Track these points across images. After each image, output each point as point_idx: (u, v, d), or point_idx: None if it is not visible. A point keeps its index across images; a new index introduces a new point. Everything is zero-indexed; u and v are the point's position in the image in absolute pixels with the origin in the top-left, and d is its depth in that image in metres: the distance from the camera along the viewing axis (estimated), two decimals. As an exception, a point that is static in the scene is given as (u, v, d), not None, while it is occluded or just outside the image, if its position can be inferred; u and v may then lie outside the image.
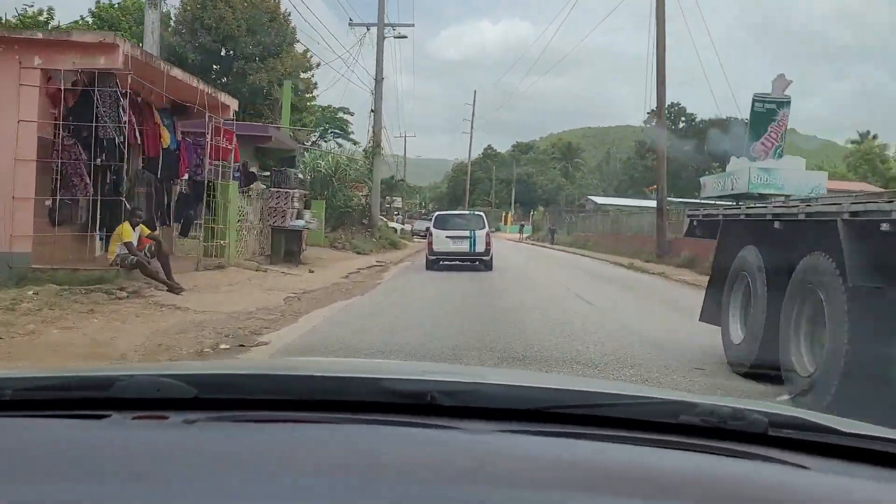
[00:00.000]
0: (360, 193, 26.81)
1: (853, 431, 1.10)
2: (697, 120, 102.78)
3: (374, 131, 26.77)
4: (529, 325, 8.77)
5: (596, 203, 62.39)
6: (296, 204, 15.49)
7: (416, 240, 44.40)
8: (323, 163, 23.26)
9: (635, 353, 7.09)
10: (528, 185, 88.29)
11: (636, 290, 15.45)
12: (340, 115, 78.87)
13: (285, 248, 15.98)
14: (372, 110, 26.56)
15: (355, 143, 79.39)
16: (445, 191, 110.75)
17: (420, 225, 51.94)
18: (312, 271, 14.44)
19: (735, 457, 1.02)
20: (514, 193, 77.89)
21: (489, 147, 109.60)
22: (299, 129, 24.50)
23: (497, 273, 17.75)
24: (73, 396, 1.15)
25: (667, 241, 26.84)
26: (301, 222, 15.30)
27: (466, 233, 18.32)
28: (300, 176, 18.87)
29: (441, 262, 18.48)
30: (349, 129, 78.44)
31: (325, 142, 79.51)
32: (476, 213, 21.53)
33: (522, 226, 63.86)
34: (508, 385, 1.28)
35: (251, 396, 1.17)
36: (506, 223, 76.10)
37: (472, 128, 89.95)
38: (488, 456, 0.95)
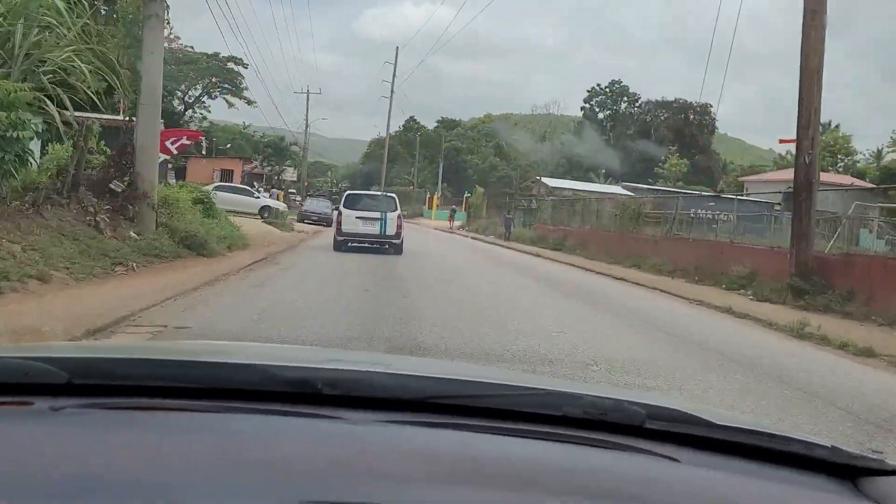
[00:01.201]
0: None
1: (726, 424, 1.11)
2: (643, 101, 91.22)
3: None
4: None
5: (548, 186, 48.20)
6: None
7: (303, 227, 28.48)
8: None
9: None
10: (458, 164, 73.31)
11: None
12: (231, 66, 61.76)
13: None
14: None
15: (250, 102, 62.39)
16: (360, 167, 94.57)
17: (313, 205, 35.52)
18: None
19: (612, 449, 1.03)
20: (441, 170, 62.65)
21: (411, 119, 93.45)
22: None
23: None
24: None
25: (811, 254, 12.38)
26: None
27: (377, 214, 16.86)
28: None
29: (350, 244, 16.83)
30: (242, 85, 61.91)
31: (212, 99, 62.51)
32: (388, 194, 19.96)
33: (454, 211, 48.72)
34: (393, 374, 1.23)
35: (127, 383, 1.09)
36: (430, 207, 60.78)
37: (392, 91, 74.70)
38: (365, 447, 0.94)
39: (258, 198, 28.50)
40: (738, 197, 34.88)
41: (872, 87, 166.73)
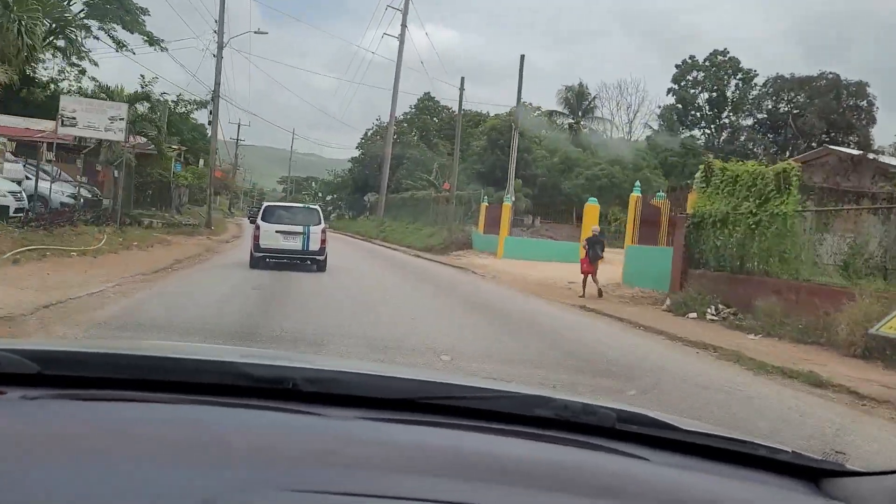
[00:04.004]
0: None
1: (691, 429, 1.15)
2: (768, 79, 59.18)
3: None
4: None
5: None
6: None
7: None
8: None
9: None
10: (521, 158, 39.99)
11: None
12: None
13: None
14: None
15: (153, 41, 31.58)
16: (352, 170, 61.50)
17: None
18: None
19: (584, 448, 1.06)
20: (515, 153, 29.75)
21: (427, 96, 60.12)
22: None
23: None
24: None
25: None
26: None
27: (299, 228, 15.46)
28: None
29: (268, 260, 15.35)
30: (143, 21, 32.51)
31: (92, 36, 32.14)
32: (311, 206, 18.63)
33: (601, 242, 15.85)
34: (371, 374, 1.24)
35: (98, 375, 1.07)
36: (496, 226, 28.17)
37: (403, 25, 43.57)
38: (346, 441, 0.94)
39: None
40: None
41: None
